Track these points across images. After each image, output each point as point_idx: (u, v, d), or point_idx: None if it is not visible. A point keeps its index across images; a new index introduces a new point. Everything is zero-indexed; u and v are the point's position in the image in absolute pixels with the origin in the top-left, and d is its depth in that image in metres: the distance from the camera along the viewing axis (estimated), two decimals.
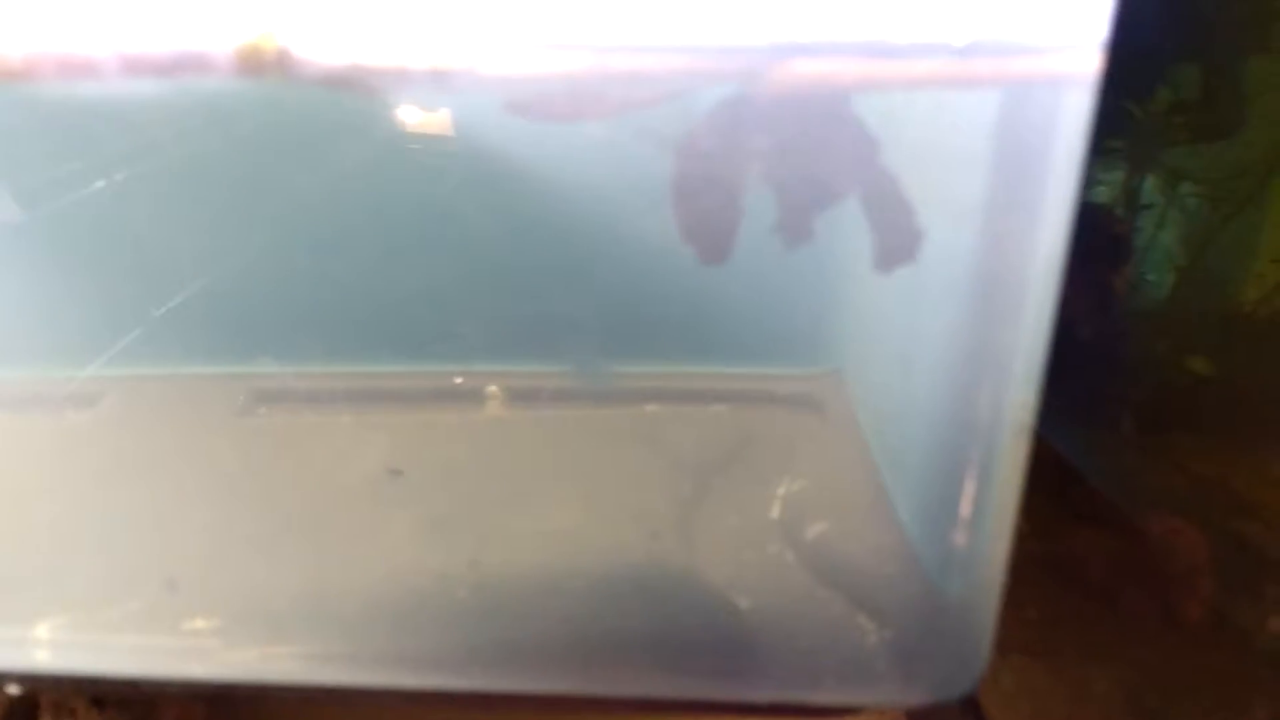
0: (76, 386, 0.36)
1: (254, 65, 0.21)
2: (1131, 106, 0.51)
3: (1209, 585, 0.36)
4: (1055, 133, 0.23)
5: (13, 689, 0.27)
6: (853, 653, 0.28)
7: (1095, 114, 0.23)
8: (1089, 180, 0.54)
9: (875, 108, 0.24)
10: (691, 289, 0.33)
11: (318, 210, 0.34)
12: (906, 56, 0.21)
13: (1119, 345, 0.49)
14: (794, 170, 0.26)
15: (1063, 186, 0.23)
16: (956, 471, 0.28)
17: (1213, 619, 0.36)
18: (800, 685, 0.28)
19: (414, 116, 0.27)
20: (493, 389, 0.38)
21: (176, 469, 0.35)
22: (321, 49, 0.21)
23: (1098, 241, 0.50)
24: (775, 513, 0.33)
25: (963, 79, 0.21)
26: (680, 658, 0.28)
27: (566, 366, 0.36)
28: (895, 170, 0.26)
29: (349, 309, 0.36)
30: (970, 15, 0.21)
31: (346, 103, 0.25)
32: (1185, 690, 0.33)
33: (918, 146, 0.25)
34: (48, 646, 0.28)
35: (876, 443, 0.36)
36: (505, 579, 0.30)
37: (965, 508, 0.28)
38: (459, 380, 0.38)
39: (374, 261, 0.35)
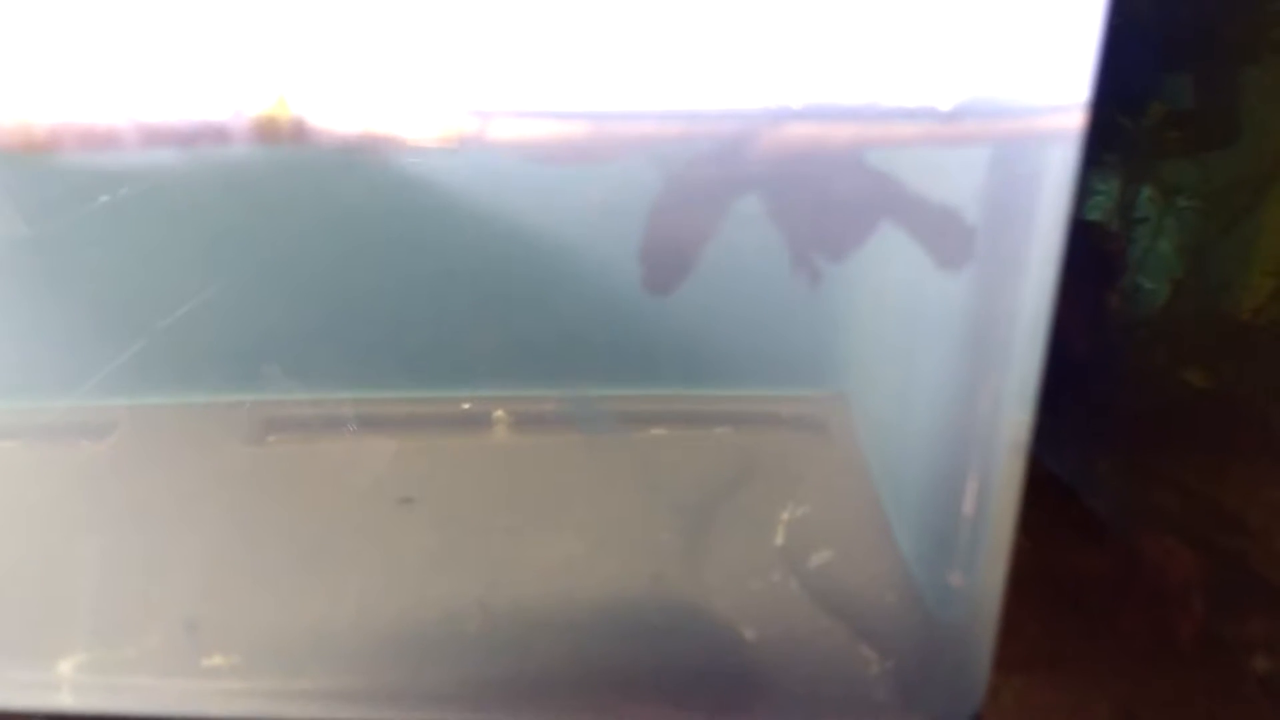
0: (89, 416, 0.36)
1: (270, 134, 0.22)
2: (1125, 120, 0.52)
3: (1202, 606, 0.37)
4: (1042, 183, 0.23)
5: None
6: (855, 683, 0.29)
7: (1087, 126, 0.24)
8: (1084, 193, 0.55)
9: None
10: (697, 312, 0.34)
11: (325, 244, 0.34)
12: (895, 120, 0.22)
13: (1113, 360, 0.50)
14: (814, 211, 0.27)
15: (1049, 238, 0.24)
16: (953, 492, 0.29)
17: (1205, 639, 0.36)
18: (803, 716, 0.28)
19: (421, 154, 0.28)
20: (499, 413, 0.39)
21: (187, 500, 0.36)
22: (335, 117, 0.22)
23: (1091, 259, 0.50)
24: (779, 539, 0.33)
25: (950, 140, 0.22)
26: (686, 690, 0.29)
27: (572, 390, 0.36)
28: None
29: (357, 335, 0.36)
30: (957, 80, 0.21)
31: (358, 157, 0.26)
32: (1178, 710, 0.34)
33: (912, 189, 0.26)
34: (69, 687, 0.29)
35: (877, 466, 0.36)
36: (514, 612, 0.31)
37: (963, 529, 0.29)
38: (466, 405, 0.39)
39: (380, 289, 0.35)
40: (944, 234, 0.25)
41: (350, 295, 0.36)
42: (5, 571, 0.33)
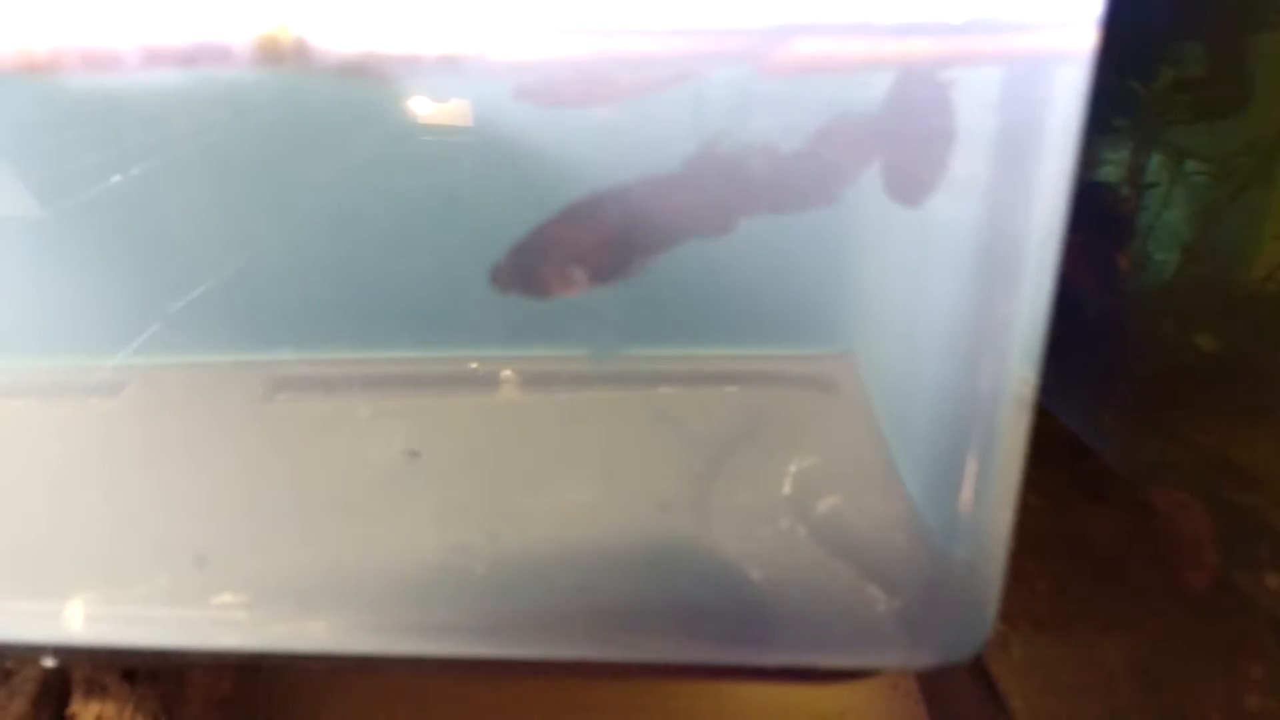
0: (101, 375, 0.37)
1: (271, 55, 0.22)
2: (1135, 85, 0.51)
3: (1213, 557, 0.37)
4: (1052, 109, 0.23)
5: (48, 662, 0.28)
6: (862, 619, 0.29)
7: (1097, 92, 0.24)
8: (1094, 159, 0.55)
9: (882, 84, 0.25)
10: (704, 272, 0.33)
11: (333, 198, 0.34)
12: (906, 35, 0.21)
13: (1125, 322, 0.49)
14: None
15: (1059, 163, 0.24)
16: (961, 444, 0.29)
17: (1216, 590, 0.36)
18: (810, 650, 0.28)
19: (427, 104, 0.28)
20: (507, 373, 0.39)
21: (200, 453, 0.36)
22: (336, 38, 0.22)
23: (1102, 220, 0.50)
24: (787, 489, 0.33)
25: (961, 56, 0.22)
26: (693, 625, 0.29)
27: (580, 350, 0.36)
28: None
29: (365, 296, 0.36)
30: None
31: (362, 91, 0.26)
32: (1188, 658, 0.34)
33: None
34: (80, 620, 0.29)
35: (886, 419, 0.36)
36: (523, 553, 0.31)
37: (970, 479, 0.29)
38: (474, 365, 0.39)
39: (390, 248, 0.35)
40: (954, 163, 0.25)
41: (360, 253, 0.36)
42: (17, 516, 0.34)
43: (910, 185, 0.27)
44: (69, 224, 0.34)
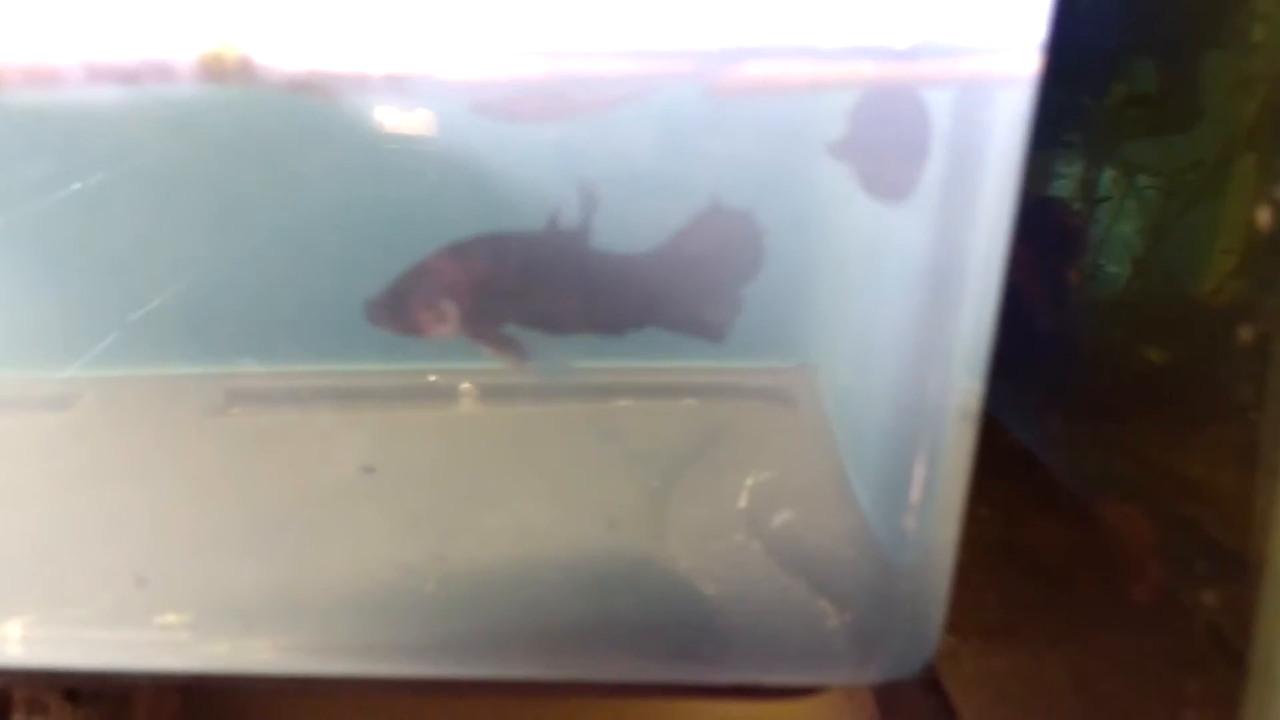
0: (51, 388, 0.36)
1: (216, 72, 0.21)
2: (1087, 100, 0.52)
3: (1157, 571, 0.37)
4: (996, 130, 0.24)
5: None
6: (812, 635, 0.29)
7: (1049, 107, 0.24)
8: (1047, 174, 0.55)
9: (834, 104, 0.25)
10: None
11: (287, 208, 0.34)
12: (851, 59, 0.22)
13: (1075, 335, 0.50)
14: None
15: (1004, 182, 0.24)
16: (907, 457, 0.29)
17: (1159, 604, 0.37)
18: (760, 667, 0.29)
19: (381, 118, 0.28)
20: (466, 386, 0.38)
21: (149, 468, 0.35)
22: (282, 55, 0.22)
23: (1054, 234, 0.51)
24: (742, 503, 0.33)
25: (906, 80, 0.22)
26: (644, 642, 0.29)
27: (538, 362, 0.36)
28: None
29: (320, 309, 0.36)
30: (912, 18, 0.22)
31: (312, 106, 0.26)
32: (1130, 673, 0.34)
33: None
34: (19, 641, 0.29)
35: (841, 433, 0.36)
36: (473, 570, 0.31)
37: (916, 492, 0.29)
38: (432, 378, 0.39)
39: (344, 261, 0.35)
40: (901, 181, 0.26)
41: (314, 266, 0.35)
42: None
43: (886, 185, 0.28)
44: (17, 236, 0.34)
